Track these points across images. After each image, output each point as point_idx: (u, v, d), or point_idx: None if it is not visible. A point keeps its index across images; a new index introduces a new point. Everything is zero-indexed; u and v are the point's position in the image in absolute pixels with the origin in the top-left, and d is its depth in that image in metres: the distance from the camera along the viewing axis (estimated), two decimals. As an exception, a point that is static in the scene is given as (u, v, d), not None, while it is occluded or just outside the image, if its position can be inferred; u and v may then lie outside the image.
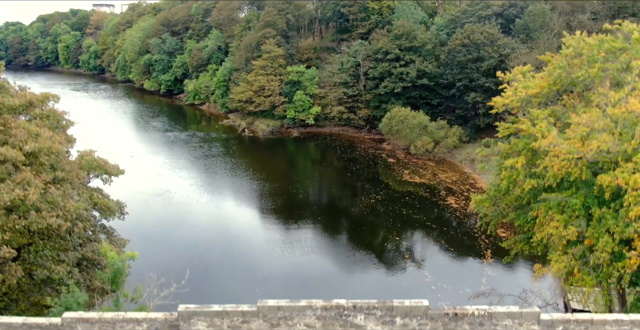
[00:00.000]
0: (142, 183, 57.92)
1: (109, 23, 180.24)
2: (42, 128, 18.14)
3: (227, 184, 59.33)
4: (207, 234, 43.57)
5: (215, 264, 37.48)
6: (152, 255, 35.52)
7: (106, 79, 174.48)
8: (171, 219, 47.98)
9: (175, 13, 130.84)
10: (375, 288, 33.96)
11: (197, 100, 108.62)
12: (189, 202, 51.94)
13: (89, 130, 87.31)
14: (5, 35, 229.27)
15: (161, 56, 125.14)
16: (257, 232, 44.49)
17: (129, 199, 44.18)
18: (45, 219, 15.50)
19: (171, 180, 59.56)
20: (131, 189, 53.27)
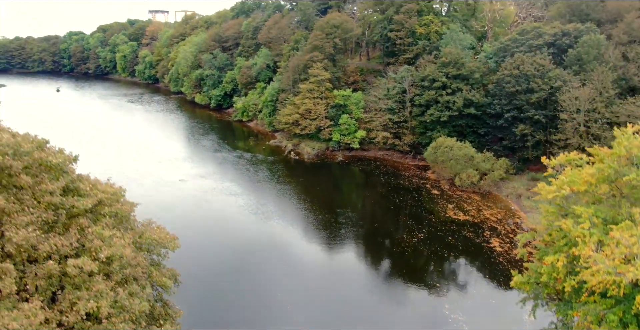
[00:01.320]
0: (192, 210, 60.85)
1: (163, 35, 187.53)
2: (112, 229, 20.11)
3: (273, 212, 61.02)
4: (262, 264, 45.43)
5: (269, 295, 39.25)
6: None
7: (160, 89, 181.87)
8: (220, 248, 50.29)
9: (227, 29, 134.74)
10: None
11: (245, 117, 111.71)
12: (237, 228, 54.13)
13: (143, 149, 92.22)
14: (68, 44, 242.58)
15: (212, 71, 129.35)
16: (300, 266, 46.03)
17: (181, 227, 47.12)
18: (115, 324, 17.39)
19: (220, 207, 62.12)
20: (182, 217, 56.31)
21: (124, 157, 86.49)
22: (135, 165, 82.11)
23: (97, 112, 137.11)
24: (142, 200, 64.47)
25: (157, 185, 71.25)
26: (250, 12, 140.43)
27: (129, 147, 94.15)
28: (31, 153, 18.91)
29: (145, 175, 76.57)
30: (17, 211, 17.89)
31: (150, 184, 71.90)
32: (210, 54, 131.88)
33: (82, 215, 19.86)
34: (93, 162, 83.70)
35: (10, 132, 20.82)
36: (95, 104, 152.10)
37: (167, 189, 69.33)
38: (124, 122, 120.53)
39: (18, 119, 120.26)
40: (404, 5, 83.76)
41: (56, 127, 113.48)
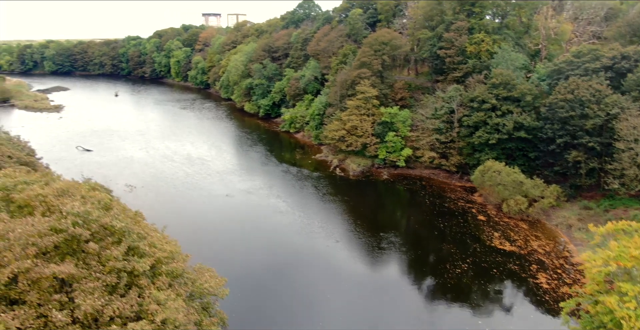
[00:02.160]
0: (239, 227, 62.88)
1: (215, 41, 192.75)
2: (168, 288, 21.67)
3: (317, 232, 62.06)
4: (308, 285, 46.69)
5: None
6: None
7: (211, 94, 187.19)
8: (264, 268, 51.89)
9: (276, 40, 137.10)
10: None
11: (292, 129, 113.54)
12: (281, 248, 55.57)
13: (195, 160, 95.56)
14: (127, 48, 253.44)
15: (261, 81, 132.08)
16: (342, 289, 46.88)
17: (228, 245, 48.74)
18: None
19: (265, 226, 63.80)
20: (229, 234, 58.38)
21: (176, 169, 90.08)
22: (186, 177, 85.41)
23: (152, 119, 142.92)
24: (191, 216, 67.47)
25: (206, 200, 73.97)
26: (300, 23, 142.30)
27: (181, 158, 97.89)
28: (99, 220, 20.62)
29: (195, 189, 79.61)
30: (85, 277, 19.64)
31: (199, 199, 74.76)
32: (260, 64, 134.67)
33: (141, 275, 21.48)
34: (148, 173, 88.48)
35: (82, 194, 22.62)
36: (151, 110, 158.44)
37: (214, 206, 71.84)
38: (178, 131, 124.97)
39: (80, 125, 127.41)
40: (454, 23, 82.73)
41: (114, 134, 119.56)
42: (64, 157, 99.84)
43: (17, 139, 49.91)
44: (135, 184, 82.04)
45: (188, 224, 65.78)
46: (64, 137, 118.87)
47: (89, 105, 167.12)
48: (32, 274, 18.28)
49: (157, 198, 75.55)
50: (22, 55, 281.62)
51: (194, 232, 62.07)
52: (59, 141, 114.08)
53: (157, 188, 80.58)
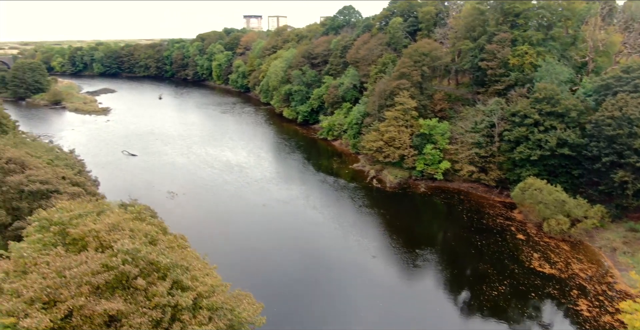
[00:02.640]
0: (275, 239, 63.99)
1: (256, 46, 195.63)
2: (209, 323, 22.67)
3: (352, 247, 62.47)
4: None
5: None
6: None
7: (251, 98, 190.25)
8: (302, 281, 52.76)
9: (316, 46, 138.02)
10: None
11: (330, 136, 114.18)
12: (318, 263, 56.30)
13: (235, 168, 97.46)
14: (171, 51, 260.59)
15: (300, 87, 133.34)
16: (377, 305, 47.20)
17: (267, 262, 49.77)
18: None
19: (301, 235, 64.68)
20: (265, 248, 59.44)
21: (215, 176, 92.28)
22: (225, 185, 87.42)
23: (193, 122, 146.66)
24: (229, 225, 68.82)
25: (243, 210, 75.52)
26: (340, 29, 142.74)
27: (220, 164, 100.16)
28: (146, 257, 21.80)
29: (234, 197, 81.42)
30: (133, 312, 20.84)
31: (237, 208, 76.42)
32: (299, 70, 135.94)
33: (184, 309, 22.55)
34: (189, 179, 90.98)
35: (130, 227, 23.87)
36: (192, 114, 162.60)
37: (251, 215, 73.17)
38: (218, 136, 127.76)
39: (126, 128, 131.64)
40: (497, 34, 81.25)
41: (158, 138, 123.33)
42: (111, 161, 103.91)
43: (70, 153, 52.58)
44: (176, 190, 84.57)
45: (225, 235, 67.49)
46: (111, 140, 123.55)
47: (135, 108, 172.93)
48: (86, 311, 19.59)
49: (197, 206, 77.73)
50: (73, 57, 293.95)
51: (231, 243, 63.71)
52: (106, 145, 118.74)
53: (197, 195, 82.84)
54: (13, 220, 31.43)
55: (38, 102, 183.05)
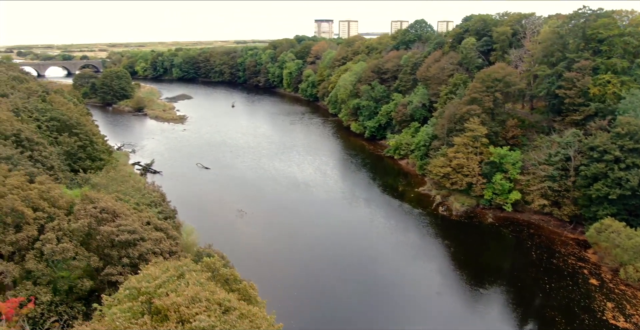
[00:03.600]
0: (336, 268, 65.32)
1: (326, 56, 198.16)
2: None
3: (418, 281, 62.57)
4: None
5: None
6: None
7: (319, 108, 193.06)
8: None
9: (386, 61, 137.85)
10: None
11: (396, 155, 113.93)
12: (382, 292, 57.04)
13: (301, 185, 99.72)
14: (244, 58, 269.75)
15: (368, 103, 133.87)
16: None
17: (327, 294, 51.00)
18: None
19: (362, 269, 65.57)
20: (328, 278, 60.83)
21: (282, 193, 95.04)
22: (291, 204, 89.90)
23: (263, 133, 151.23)
24: (295, 248, 70.77)
25: (308, 232, 77.32)
26: (411, 44, 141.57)
27: (287, 181, 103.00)
28: (239, 308, 24.07)
29: (299, 217, 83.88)
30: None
31: (302, 229, 78.37)
32: (368, 86, 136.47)
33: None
34: (257, 196, 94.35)
35: (207, 297, 26.05)
36: (262, 124, 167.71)
37: (315, 239, 74.83)
38: (285, 150, 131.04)
39: (200, 139, 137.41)
40: (577, 61, 77.62)
41: (229, 150, 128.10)
42: (185, 173, 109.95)
43: (152, 186, 57.13)
44: (245, 207, 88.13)
45: (290, 258, 69.82)
46: (186, 151, 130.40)
47: (209, 116, 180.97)
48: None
49: (264, 226, 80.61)
50: (154, 63, 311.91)
51: (294, 266, 65.84)
52: (182, 155, 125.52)
53: (265, 214, 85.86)
54: (104, 266, 34.96)
55: (123, 108, 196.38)
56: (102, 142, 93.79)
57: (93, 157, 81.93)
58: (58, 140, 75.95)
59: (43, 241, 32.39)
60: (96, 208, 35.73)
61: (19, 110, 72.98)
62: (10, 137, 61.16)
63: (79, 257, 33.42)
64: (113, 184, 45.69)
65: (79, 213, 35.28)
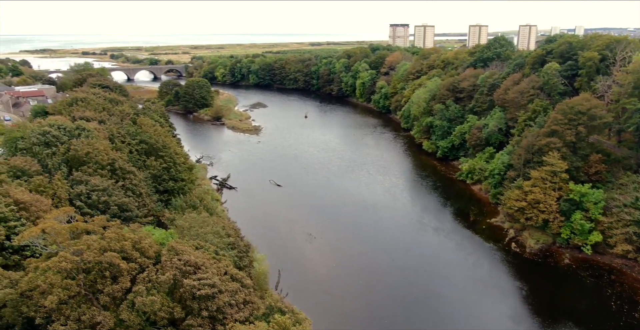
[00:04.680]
0: (405, 306, 65.55)
1: (400, 68, 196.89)
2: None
3: (490, 321, 61.48)
4: None
5: None
6: None
7: (391, 121, 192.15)
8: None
9: (462, 80, 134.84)
10: None
11: (469, 180, 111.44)
12: None
13: (369, 209, 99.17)
14: (318, 67, 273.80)
15: (442, 122, 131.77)
16: None
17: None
18: None
19: (429, 309, 65.37)
20: (394, 317, 61.38)
21: (351, 217, 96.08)
22: (360, 229, 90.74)
23: (334, 148, 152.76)
24: (361, 280, 71.43)
25: (375, 264, 77.92)
26: (490, 62, 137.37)
27: (356, 203, 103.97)
28: None
29: (367, 244, 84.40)
30: None
31: (369, 260, 78.96)
32: (442, 104, 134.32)
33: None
34: (326, 218, 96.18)
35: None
36: (335, 137, 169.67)
37: (381, 271, 75.34)
38: (356, 167, 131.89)
39: (274, 152, 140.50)
40: (673, 97, 72.17)
41: (301, 165, 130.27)
42: (258, 190, 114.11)
43: (227, 221, 60.41)
44: (314, 231, 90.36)
45: (358, 291, 70.81)
46: (260, 165, 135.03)
47: (282, 127, 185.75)
48: None
49: (333, 253, 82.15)
50: (232, 69, 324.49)
51: (361, 299, 66.86)
52: (255, 170, 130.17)
53: (333, 239, 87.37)
54: (186, 315, 38.05)
55: (202, 117, 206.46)
56: (184, 161, 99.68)
57: (175, 178, 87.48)
58: (146, 164, 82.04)
59: (135, 293, 35.93)
60: (181, 260, 38.94)
61: (114, 137, 79.71)
62: (106, 166, 67.24)
63: (164, 307, 36.65)
64: (195, 226, 49.23)
65: (165, 264, 38.64)
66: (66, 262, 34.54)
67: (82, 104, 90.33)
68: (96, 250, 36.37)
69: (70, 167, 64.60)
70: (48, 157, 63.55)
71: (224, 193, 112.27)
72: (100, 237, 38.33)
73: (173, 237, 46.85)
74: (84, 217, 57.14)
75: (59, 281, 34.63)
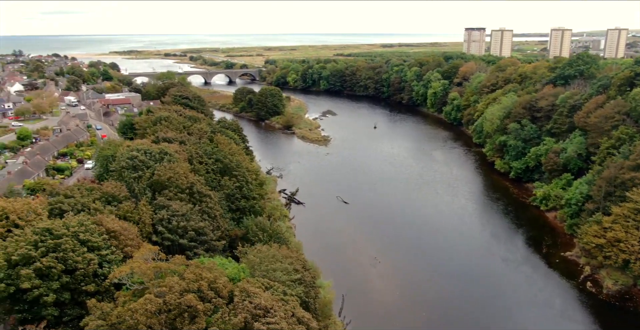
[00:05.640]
0: None
1: (475, 79, 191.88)
2: None
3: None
4: None
5: None
6: None
7: (462, 134, 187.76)
8: None
9: (540, 98, 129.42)
10: None
11: (544, 206, 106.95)
12: None
13: (435, 233, 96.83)
14: (389, 74, 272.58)
15: (516, 143, 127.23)
16: None
17: None
18: None
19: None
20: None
21: (416, 241, 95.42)
22: (425, 256, 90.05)
23: (402, 162, 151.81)
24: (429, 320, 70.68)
25: (444, 293, 77.15)
26: (571, 80, 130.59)
27: (424, 227, 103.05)
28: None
29: (431, 273, 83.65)
30: None
31: (437, 291, 78.32)
32: (517, 123, 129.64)
33: None
34: (392, 240, 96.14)
35: None
36: (403, 150, 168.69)
37: (454, 302, 74.49)
38: (424, 186, 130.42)
39: (341, 166, 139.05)
40: None
41: (367, 182, 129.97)
42: (326, 206, 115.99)
43: (296, 253, 62.71)
44: (379, 253, 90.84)
45: (418, 325, 70.55)
46: (328, 179, 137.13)
47: (351, 138, 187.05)
48: None
49: (399, 280, 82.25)
50: (304, 75, 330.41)
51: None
52: (323, 184, 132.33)
53: (399, 264, 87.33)
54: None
55: (274, 125, 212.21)
56: (255, 177, 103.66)
57: (247, 196, 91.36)
58: (220, 184, 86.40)
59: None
60: (252, 303, 41.34)
61: (193, 158, 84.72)
62: (185, 190, 71.78)
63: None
64: (265, 261, 51.74)
65: (237, 306, 41.21)
66: (151, 304, 37.95)
67: (165, 123, 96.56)
68: (177, 293, 39.55)
69: (153, 191, 69.64)
70: (135, 182, 68.90)
71: (292, 208, 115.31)
72: (180, 279, 41.57)
73: (245, 272, 49.56)
74: (164, 241, 61.79)
75: (144, 319, 38.10)
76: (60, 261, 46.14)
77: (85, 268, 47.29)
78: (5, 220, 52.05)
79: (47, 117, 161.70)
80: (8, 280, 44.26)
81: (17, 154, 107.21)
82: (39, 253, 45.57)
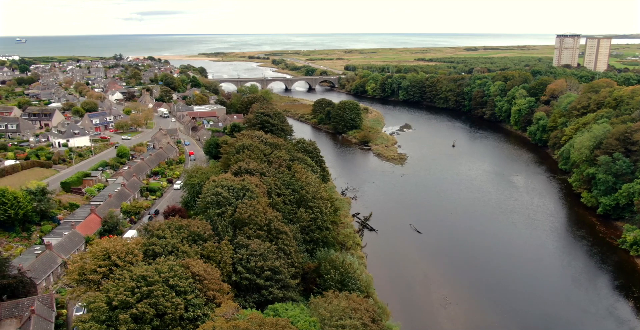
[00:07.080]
0: None
1: (564, 100, 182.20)
2: None
3: None
4: None
5: None
6: None
7: (547, 158, 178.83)
8: None
9: (637, 129, 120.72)
10: None
11: (634, 252, 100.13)
12: None
13: (512, 276, 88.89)
14: (471, 88, 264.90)
15: (606, 177, 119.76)
16: None
17: None
18: None
19: None
20: None
21: (491, 284, 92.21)
22: (501, 297, 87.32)
23: (479, 187, 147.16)
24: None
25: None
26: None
27: (499, 265, 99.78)
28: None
29: (501, 316, 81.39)
30: None
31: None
32: (608, 156, 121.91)
33: None
34: (464, 278, 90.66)
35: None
36: (481, 173, 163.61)
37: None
38: (501, 216, 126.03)
39: (416, 189, 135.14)
40: None
41: (441, 208, 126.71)
42: (398, 235, 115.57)
43: (367, 303, 64.16)
44: (450, 293, 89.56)
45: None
46: (402, 203, 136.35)
47: (428, 158, 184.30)
48: None
49: (469, 324, 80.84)
50: (383, 84, 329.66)
51: None
52: (397, 209, 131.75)
53: (471, 306, 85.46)
54: None
55: (350, 139, 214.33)
56: (330, 205, 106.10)
57: (321, 227, 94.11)
58: (297, 216, 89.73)
59: None
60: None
61: (272, 191, 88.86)
62: (263, 227, 75.75)
63: None
64: (335, 315, 53.82)
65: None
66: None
67: (247, 152, 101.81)
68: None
69: (234, 228, 74.26)
70: (218, 219, 73.85)
71: (364, 234, 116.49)
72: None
73: (315, 326, 51.97)
74: (242, 281, 65.75)
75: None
76: (152, 306, 51.18)
77: (173, 312, 52.05)
78: (107, 260, 58.30)
79: (142, 130, 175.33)
80: (109, 322, 49.90)
81: (116, 172, 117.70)
82: (134, 299, 50.85)
